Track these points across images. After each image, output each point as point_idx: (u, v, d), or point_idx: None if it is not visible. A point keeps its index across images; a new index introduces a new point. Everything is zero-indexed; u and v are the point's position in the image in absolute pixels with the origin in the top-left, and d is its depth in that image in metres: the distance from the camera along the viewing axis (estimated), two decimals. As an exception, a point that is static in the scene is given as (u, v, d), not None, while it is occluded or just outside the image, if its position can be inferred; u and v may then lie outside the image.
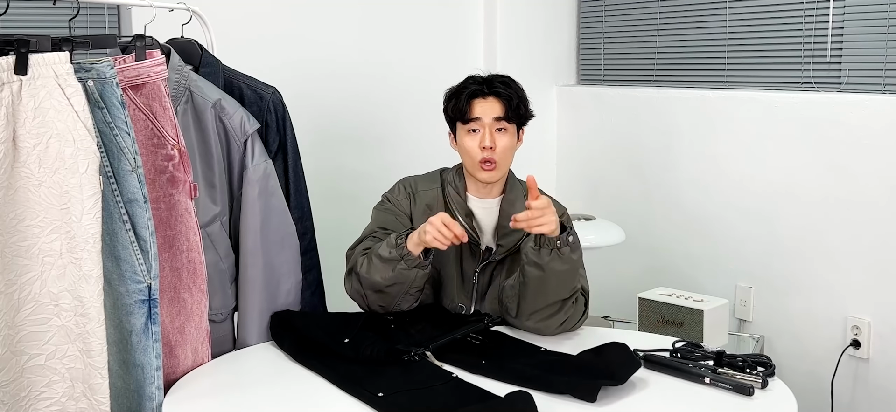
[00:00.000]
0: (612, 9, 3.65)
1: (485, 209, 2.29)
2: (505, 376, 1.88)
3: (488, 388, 1.84)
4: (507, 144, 2.24)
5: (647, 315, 2.84)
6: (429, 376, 1.92)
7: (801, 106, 2.97)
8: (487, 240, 2.29)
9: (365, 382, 1.86)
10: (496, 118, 2.22)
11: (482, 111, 2.23)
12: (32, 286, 1.77)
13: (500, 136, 2.23)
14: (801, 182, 2.97)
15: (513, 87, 2.27)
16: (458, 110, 2.25)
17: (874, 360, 2.85)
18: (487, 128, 2.22)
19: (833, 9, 2.94)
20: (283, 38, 3.11)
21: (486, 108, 2.23)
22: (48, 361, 1.79)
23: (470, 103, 2.24)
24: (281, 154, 2.31)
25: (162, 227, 1.96)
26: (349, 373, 1.91)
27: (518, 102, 2.25)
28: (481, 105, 2.23)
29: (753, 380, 1.83)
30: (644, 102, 3.44)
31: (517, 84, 2.29)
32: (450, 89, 2.31)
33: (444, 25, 3.56)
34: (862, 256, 2.84)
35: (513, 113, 2.24)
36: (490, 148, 2.21)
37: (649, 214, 3.41)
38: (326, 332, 2.10)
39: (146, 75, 1.93)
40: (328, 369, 1.95)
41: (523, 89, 2.30)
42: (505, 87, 2.25)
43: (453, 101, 2.27)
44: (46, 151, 1.74)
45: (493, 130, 2.23)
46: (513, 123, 2.25)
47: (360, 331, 2.09)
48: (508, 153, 2.26)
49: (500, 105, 2.23)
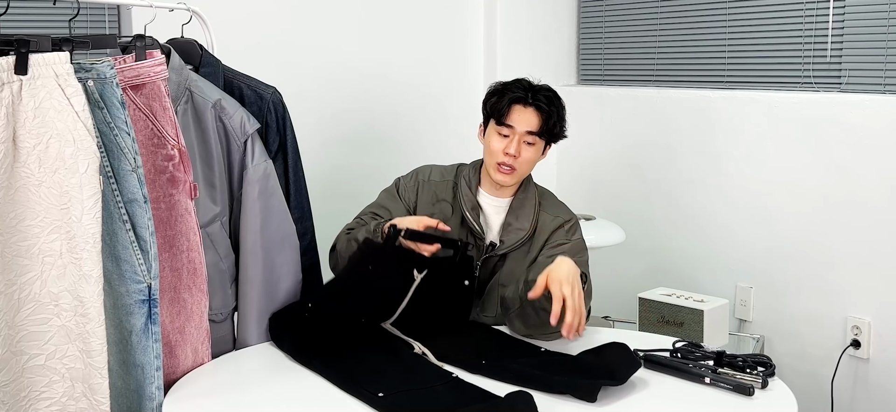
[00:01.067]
0: (612, 9, 3.65)
1: (495, 206, 2.30)
2: (505, 376, 1.88)
3: (489, 388, 1.84)
4: (531, 157, 2.25)
5: (647, 315, 2.84)
6: (429, 376, 1.92)
7: (801, 106, 2.97)
8: (493, 235, 2.29)
9: (365, 382, 1.86)
10: (529, 131, 2.22)
11: (519, 120, 2.22)
12: (32, 286, 1.77)
13: (527, 148, 2.24)
14: (801, 182, 2.97)
15: (555, 105, 2.26)
16: (497, 110, 2.25)
17: (874, 360, 2.85)
18: (518, 137, 2.22)
19: (833, 9, 2.94)
20: (284, 39, 3.11)
21: (524, 117, 2.23)
22: (48, 361, 1.79)
23: (510, 107, 2.23)
24: (281, 154, 2.31)
25: (162, 227, 1.96)
26: (349, 373, 1.91)
27: (556, 122, 2.25)
28: (520, 113, 2.23)
29: (753, 380, 1.83)
30: (644, 102, 3.44)
31: (561, 102, 2.29)
32: (495, 84, 2.31)
33: (445, 25, 3.56)
34: (862, 256, 2.84)
35: (547, 130, 2.24)
36: (514, 156, 2.21)
37: (649, 214, 3.41)
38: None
39: (146, 75, 1.93)
40: (328, 369, 1.95)
41: (565, 108, 2.29)
42: (548, 102, 2.24)
43: (495, 98, 2.27)
44: (46, 151, 1.74)
45: (523, 141, 2.23)
46: (543, 139, 2.26)
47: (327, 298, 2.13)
48: (529, 165, 2.27)
49: (538, 118, 2.23)
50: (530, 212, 2.26)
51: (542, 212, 2.28)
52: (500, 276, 2.26)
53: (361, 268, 2.13)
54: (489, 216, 2.30)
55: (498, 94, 2.27)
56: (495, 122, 2.25)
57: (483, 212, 2.29)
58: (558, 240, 2.25)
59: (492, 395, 1.80)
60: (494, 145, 2.24)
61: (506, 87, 2.27)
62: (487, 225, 2.29)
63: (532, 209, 2.27)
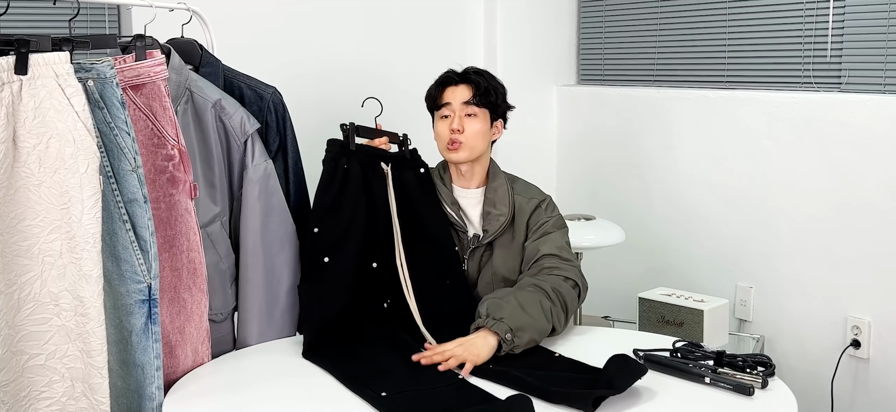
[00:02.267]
0: (612, 9, 3.65)
1: (470, 199, 2.36)
2: (508, 382, 1.88)
3: (493, 392, 1.84)
4: (477, 129, 2.31)
5: (647, 315, 2.83)
6: (435, 377, 1.93)
7: (801, 106, 2.97)
8: (475, 228, 2.34)
9: (370, 382, 1.87)
10: (465, 102, 2.30)
11: (452, 96, 2.32)
12: (32, 286, 1.77)
13: (469, 120, 2.31)
14: (801, 182, 2.97)
15: (484, 75, 2.35)
16: (432, 99, 2.36)
17: (874, 360, 2.85)
18: (456, 112, 2.30)
19: (833, 9, 2.94)
20: (284, 39, 3.11)
21: (456, 93, 2.32)
22: (48, 361, 1.79)
23: (442, 91, 2.34)
24: (281, 154, 2.31)
25: (162, 227, 1.96)
26: (355, 373, 1.93)
27: (487, 87, 2.32)
28: (452, 91, 2.33)
29: (753, 380, 1.83)
30: (644, 102, 3.44)
31: (492, 75, 2.38)
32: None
33: (445, 25, 3.56)
34: (862, 256, 2.84)
35: (482, 97, 2.31)
36: (458, 130, 2.29)
37: (649, 214, 3.41)
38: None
39: (146, 75, 1.93)
40: (335, 367, 1.97)
41: (500, 82, 2.38)
42: (476, 73, 2.35)
43: (429, 93, 2.39)
44: (47, 151, 1.74)
45: (462, 115, 2.30)
46: (483, 108, 2.32)
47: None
48: (479, 138, 2.31)
49: (469, 89, 2.31)
50: (505, 198, 2.33)
51: (517, 196, 2.35)
52: (492, 266, 2.31)
53: (338, 168, 2.23)
54: (467, 209, 2.35)
55: (431, 89, 2.38)
56: (436, 110, 2.35)
57: (461, 206, 2.35)
58: (540, 219, 2.32)
59: (493, 398, 1.81)
60: (440, 129, 2.33)
61: (436, 80, 2.38)
62: (468, 218, 2.35)
63: (506, 194, 2.33)
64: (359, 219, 2.24)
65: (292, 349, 2.13)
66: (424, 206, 2.32)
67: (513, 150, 3.64)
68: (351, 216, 2.23)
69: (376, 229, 2.26)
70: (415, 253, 2.26)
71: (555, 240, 2.29)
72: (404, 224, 2.27)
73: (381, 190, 2.27)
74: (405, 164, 2.33)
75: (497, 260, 2.31)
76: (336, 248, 2.20)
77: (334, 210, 2.22)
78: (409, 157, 2.35)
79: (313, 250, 2.19)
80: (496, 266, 2.30)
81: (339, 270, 2.20)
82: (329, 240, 2.20)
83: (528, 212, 2.32)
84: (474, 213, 2.35)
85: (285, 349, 2.15)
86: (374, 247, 2.25)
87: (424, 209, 2.32)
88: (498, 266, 2.30)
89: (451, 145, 2.30)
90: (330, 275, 2.19)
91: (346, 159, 2.24)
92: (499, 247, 2.31)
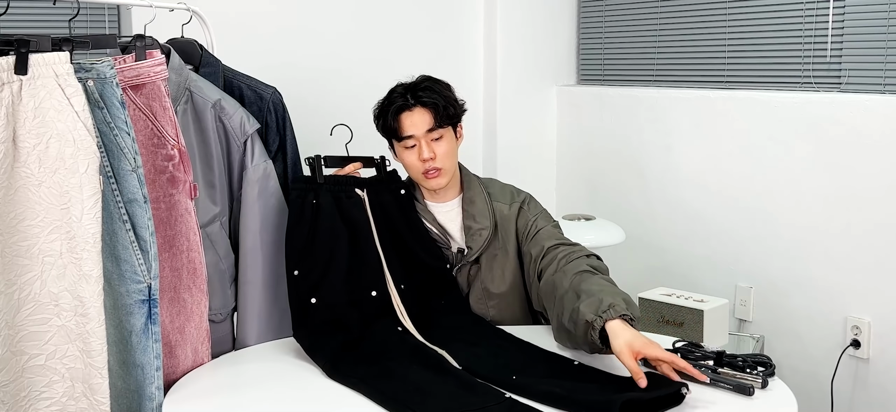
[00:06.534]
0: (612, 9, 3.65)
1: (445, 212, 2.31)
2: (534, 395, 1.81)
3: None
4: (446, 149, 2.24)
5: (647, 315, 2.83)
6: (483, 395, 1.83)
7: (801, 106, 2.97)
8: (457, 242, 2.30)
9: (411, 402, 1.79)
10: (429, 130, 2.21)
11: (412, 125, 2.22)
12: (32, 286, 1.77)
13: (438, 143, 2.23)
14: (801, 182, 2.97)
15: (437, 91, 2.24)
16: (390, 129, 2.25)
17: (874, 360, 2.85)
18: (422, 141, 2.22)
19: (833, 9, 2.94)
20: (284, 38, 3.11)
21: (416, 120, 2.22)
22: (48, 361, 1.79)
23: (398, 119, 2.23)
24: (281, 154, 2.31)
25: (162, 227, 1.96)
26: (394, 392, 1.83)
27: (445, 105, 2.23)
28: (410, 118, 2.22)
29: (753, 380, 1.83)
30: (644, 102, 3.44)
31: (441, 85, 2.27)
32: (377, 105, 2.30)
33: (445, 26, 3.56)
34: (862, 256, 2.83)
35: (444, 118, 2.23)
36: (431, 158, 2.21)
37: (649, 214, 3.41)
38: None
39: (146, 75, 1.93)
40: (367, 386, 1.87)
41: (449, 87, 2.28)
42: (429, 93, 2.23)
43: (381, 121, 2.27)
44: (46, 151, 1.74)
45: (429, 141, 2.22)
46: (447, 126, 2.24)
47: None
48: (450, 156, 2.26)
49: (429, 115, 2.22)
50: (485, 209, 2.27)
51: (495, 202, 2.28)
52: (481, 279, 2.26)
53: (305, 204, 2.17)
54: (446, 224, 2.30)
55: (382, 114, 2.27)
56: (396, 140, 2.26)
57: (440, 223, 2.30)
58: (528, 220, 2.26)
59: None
60: (409, 160, 2.25)
61: (385, 104, 2.26)
62: (448, 233, 2.30)
63: (485, 205, 2.27)
64: (340, 252, 2.18)
65: (292, 349, 2.13)
66: (407, 228, 2.25)
67: (513, 150, 3.65)
68: (330, 251, 2.17)
69: (366, 257, 2.20)
70: (404, 277, 2.21)
71: (551, 232, 2.24)
72: (389, 249, 2.21)
73: (362, 216, 2.21)
74: (382, 187, 2.27)
75: (484, 273, 2.26)
76: (320, 287, 2.14)
77: (309, 248, 2.16)
78: (387, 179, 2.28)
79: (298, 294, 2.14)
80: (484, 280, 2.26)
81: (329, 307, 2.14)
82: (311, 279, 2.14)
83: (512, 218, 2.27)
84: (454, 227, 2.30)
85: (285, 349, 2.15)
86: (368, 276, 2.19)
87: (407, 231, 2.25)
88: (486, 280, 2.26)
89: (429, 175, 2.23)
90: (321, 316, 2.13)
91: (313, 194, 2.19)
92: (486, 260, 2.26)
